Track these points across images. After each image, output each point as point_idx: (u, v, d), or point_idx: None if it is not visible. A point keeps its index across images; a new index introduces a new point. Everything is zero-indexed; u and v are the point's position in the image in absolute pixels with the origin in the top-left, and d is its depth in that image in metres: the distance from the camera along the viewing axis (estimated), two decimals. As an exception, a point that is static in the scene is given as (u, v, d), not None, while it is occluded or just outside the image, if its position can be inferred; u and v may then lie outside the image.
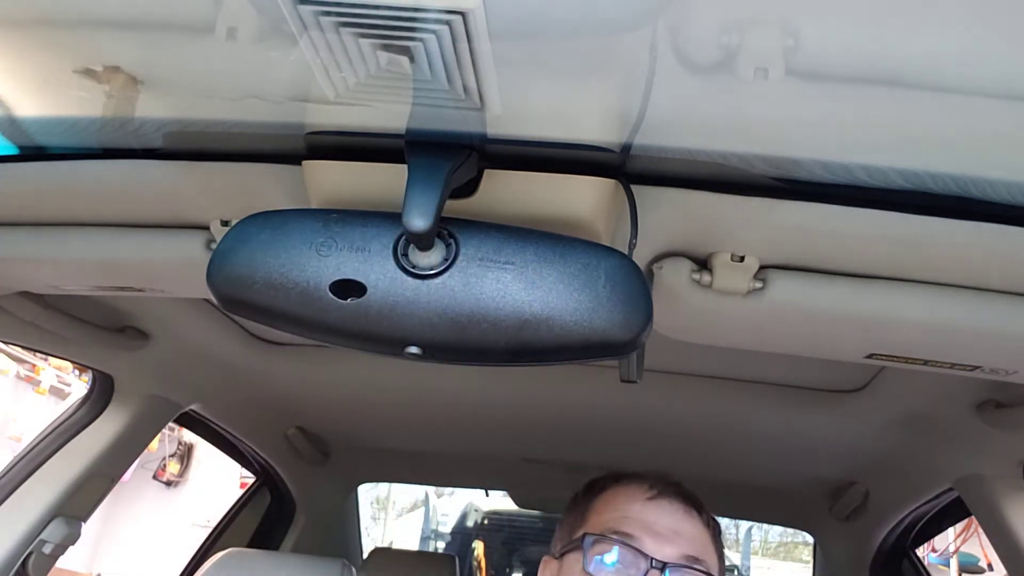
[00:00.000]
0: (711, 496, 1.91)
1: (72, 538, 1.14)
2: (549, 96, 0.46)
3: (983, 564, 4.14)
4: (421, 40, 0.40)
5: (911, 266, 0.60)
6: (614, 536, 0.74)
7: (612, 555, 0.74)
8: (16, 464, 1.13)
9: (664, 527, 0.76)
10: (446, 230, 0.47)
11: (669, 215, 0.58)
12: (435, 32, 0.39)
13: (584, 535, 0.76)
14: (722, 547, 0.82)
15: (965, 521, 2.70)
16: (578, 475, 0.93)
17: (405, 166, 0.46)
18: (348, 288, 0.46)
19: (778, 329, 0.69)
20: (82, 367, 1.21)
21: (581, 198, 0.52)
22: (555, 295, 0.45)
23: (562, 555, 0.78)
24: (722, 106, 0.47)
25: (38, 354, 4.11)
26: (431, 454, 1.67)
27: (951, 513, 1.34)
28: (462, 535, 3.54)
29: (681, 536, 0.76)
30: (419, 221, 0.44)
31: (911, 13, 0.38)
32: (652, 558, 0.72)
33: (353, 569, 1.17)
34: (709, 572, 0.75)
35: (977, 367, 0.69)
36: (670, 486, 0.81)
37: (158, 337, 1.10)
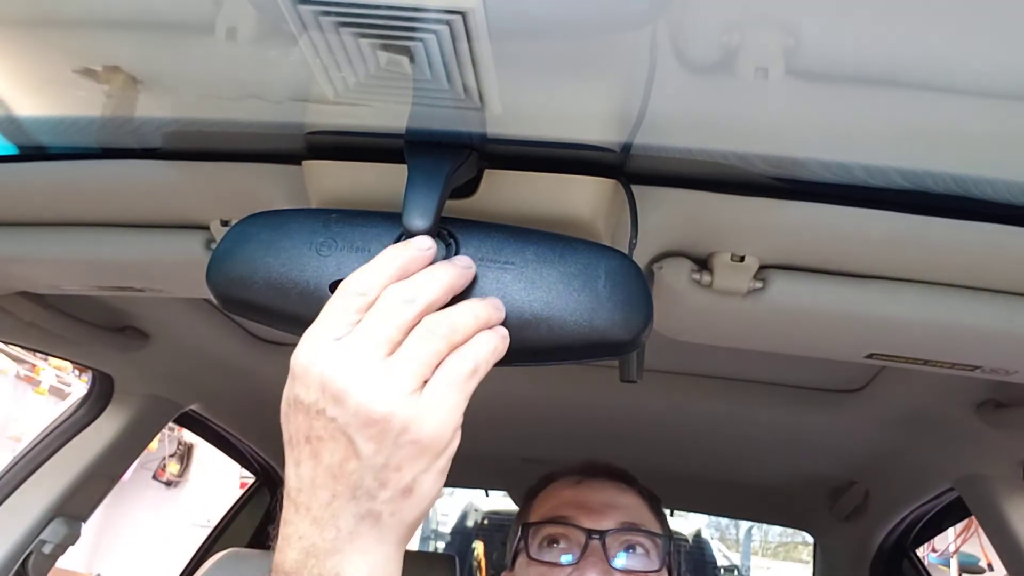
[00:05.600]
0: (711, 496, 1.92)
1: (72, 538, 1.14)
2: (549, 96, 0.46)
3: (983, 564, 4.14)
4: (421, 40, 0.40)
5: (911, 266, 0.60)
6: (551, 520, 0.76)
7: (552, 536, 0.76)
8: (16, 464, 1.13)
9: (597, 503, 0.77)
10: (446, 230, 0.47)
11: (669, 215, 0.58)
12: (435, 32, 0.39)
13: (522, 526, 0.78)
14: (664, 517, 0.83)
15: (965, 521, 2.70)
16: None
17: (405, 166, 0.46)
18: None
19: (778, 329, 0.69)
20: (82, 367, 1.21)
21: (581, 198, 0.52)
22: (555, 295, 0.45)
23: (514, 560, 0.79)
24: (722, 106, 0.47)
25: (38, 354, 4.11)
26: (431, 454, 1.67)
27: (951, 513, 1.35)
28: (462, 535, 3.54)
29: (614, 507, 0.77)
30: (419, 221, 0.44)
31: (911, 13, 0.38)
32: (589, 531, 0.73)
33: (353, 569, 1.16)
34: (649, 531, 0.76)
35: (977, 367, 0.69)
36: (597, 468, 0.83)
37: (158, 337, 1.10)
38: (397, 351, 0.39)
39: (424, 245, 0.43)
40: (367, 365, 0.38)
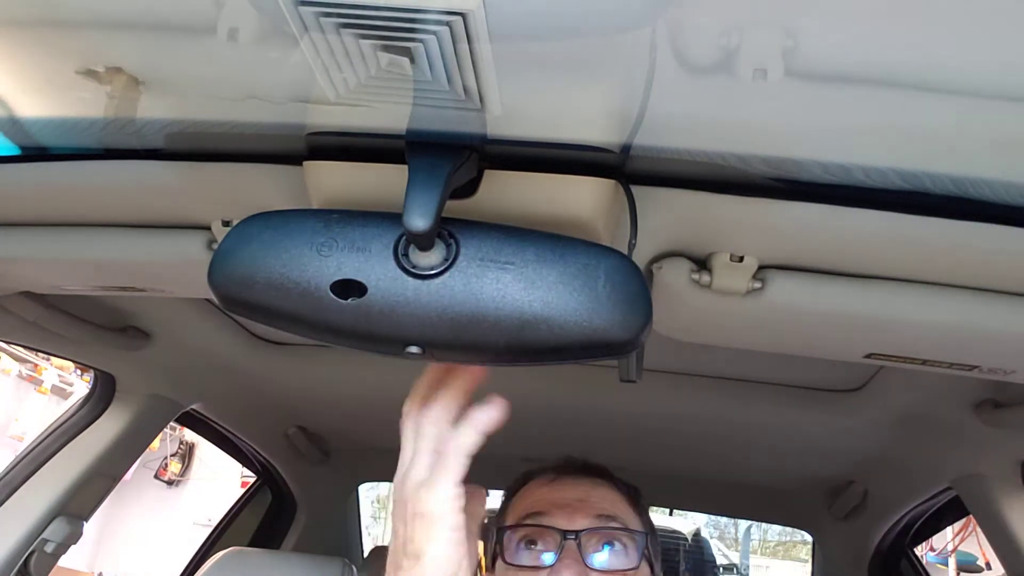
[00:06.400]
0: (710, 495, 1.92)
1: (74, 537, 1.14)
2: (549, 97, 0.47)
3: (981, 563, 4.14)
4: (421, 41, 0.40)
5: (910, 266, 0.60)
6: (525, 521, 0.75)
7: (527, 537, 0.75)
8: (18, 463, 1.13)
9: (570, 499, 0.76)
10: (446, 230, 0.47)
11: (669, 215, 0.58)
12: (435, 33, 0.39)
13: (496, 530, 0.77)
14: (644, 511, 0.82)
15: (963, 520, 2.71)
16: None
17: (405, 166, 0.47)
18: (349, 288, 0.46)
19: (777, 329, 0.69)
20: (84, 367, 1.22)
21: (581, 198, 0.52)
22: (555, 295, 0.45)
23: (493, 563, 0.79)
24: (722, 106, 0.47)
25: (40, 354, 4.12)
26: (431, 454, 1.67)
27: (949, 512, 1.35)
28: (462, 534, 3.53)
29: (588, 503, 0.76)
30: (419, 221, 0.44)
31: (911, 13, 0.38)
32: (564, 531, 0.72)
33: (354, 568, 1.17)
34: (625, 527, 0.75)
35: (975, 367, 0.69)
36: (572, 465, 0.82)
37: (159, 337, 1.10)
38: None
39: None
40: None
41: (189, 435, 5.41)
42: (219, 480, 5.13)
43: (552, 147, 0.50)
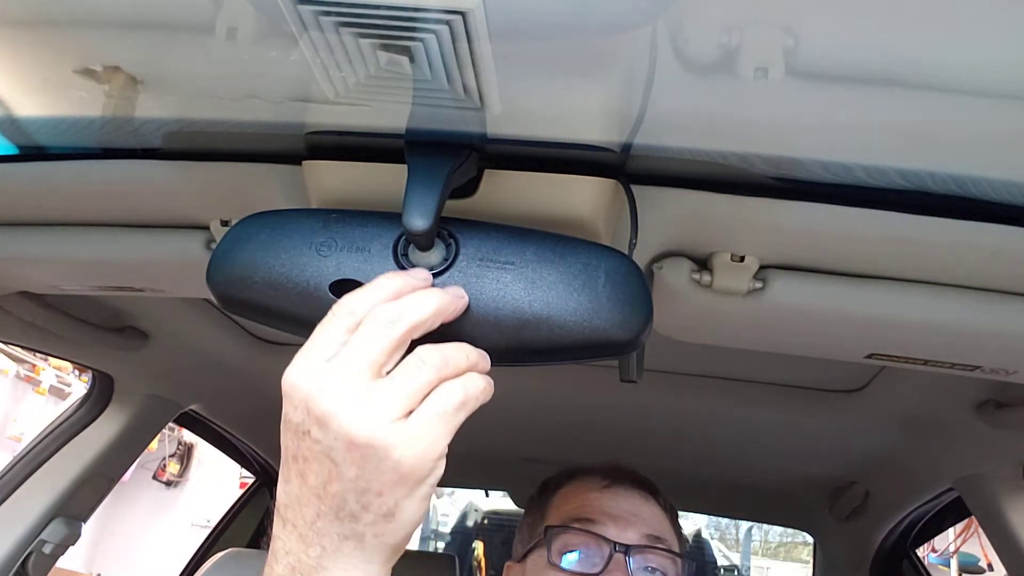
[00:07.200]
0: (711, 496, 1.92)
1: (72, 538, 1.14)
2: (549, 96, 0.46)
3: (983, 564, 4.14)
4: (421, 40, 0.40)
5: (911, 266, 0.60)
6: (576, 525, 0.75)
7: (576, 543, 0.75)
8: (16, 464, 1.13)
9: (623, 511, 0.77)
10: (446, 230, 0.47)
11: (669, 215, 0.58)
12: (435, 32, 0.39)
13: (546, 528, 0.76)
14: (681, 530, 0.83)
15: (965, 521, 2.70)
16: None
17: (405, 166, 0.46)
18: (348, 288, 0.46)
19: (778, 329, 0.69)
20: (82, 367, 1.21)
21: (581, 198, 0.52)
22: (555, 295, 0.45)
23: (525, 555, 0.78)
24: (722, 106, 0.47)
25: (38, 354, 4.12)
26: (431, 454, 1.66)
27: (951, 513, 1.35)
28: (462, 535, 3.54)
29: (640, 518, 0.77)
30: (419, 221, 0.44)
31: (911, 13, 0.38)
32: (615, 543, 0.73)
33: (353, 569, 1.16)
34: (671, 550, 0.76)
35: (977, 367, 0.69)
36: (624, 474, 0.82)
37: (158, 337, 1.10)
38: (387, 377, 0.39)
39: (421, 275, 0.44)
40: (352, 388, 0.38)
41: (188, 436, 5.41)
42: (218, 481, 5.13)
43: (552, 146, 0.50)
